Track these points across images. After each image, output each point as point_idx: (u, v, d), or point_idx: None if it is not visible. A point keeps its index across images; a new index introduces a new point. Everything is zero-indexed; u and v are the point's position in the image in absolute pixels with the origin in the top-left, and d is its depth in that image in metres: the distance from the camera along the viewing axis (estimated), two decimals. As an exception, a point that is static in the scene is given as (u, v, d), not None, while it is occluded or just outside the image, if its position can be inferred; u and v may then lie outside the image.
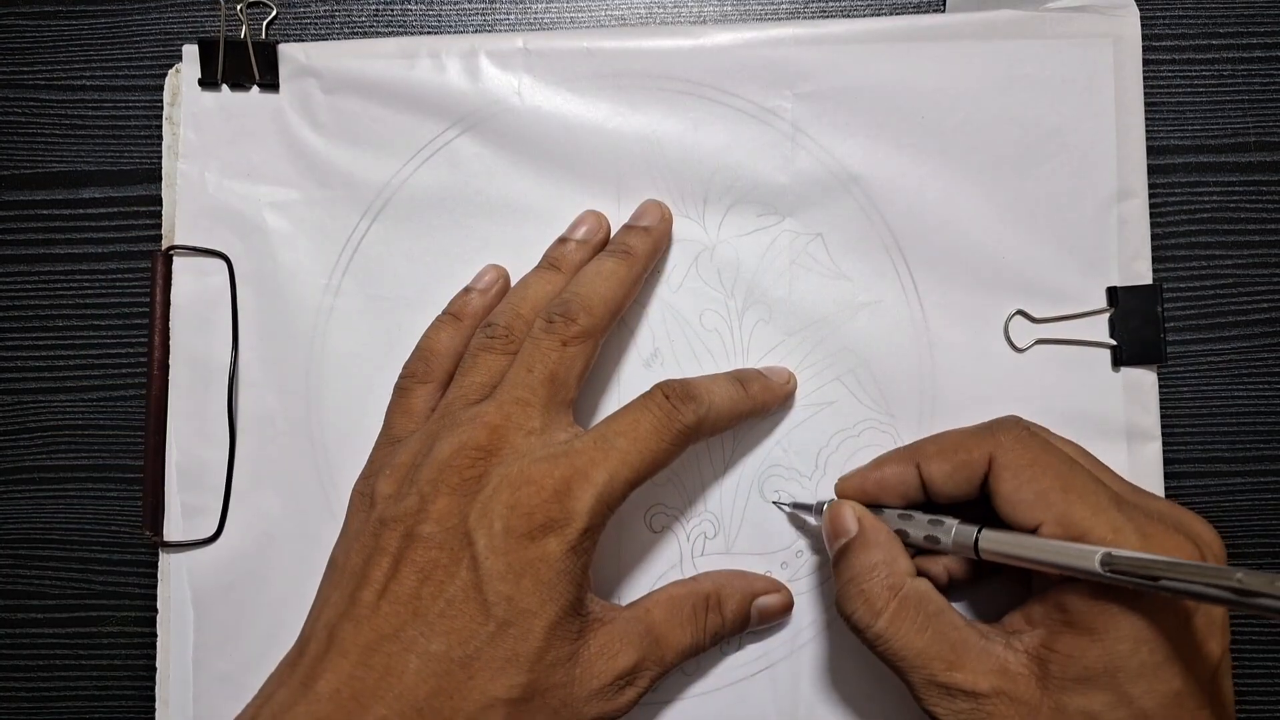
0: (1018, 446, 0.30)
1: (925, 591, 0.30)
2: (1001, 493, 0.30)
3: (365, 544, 0.30)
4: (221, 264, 0.37)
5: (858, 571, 0.31)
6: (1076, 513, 0.28)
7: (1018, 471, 0.30)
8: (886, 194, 0.37)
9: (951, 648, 0.29)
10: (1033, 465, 0.29)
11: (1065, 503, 0.29)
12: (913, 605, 0.30)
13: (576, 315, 0.32)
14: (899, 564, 0.31)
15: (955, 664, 0.29)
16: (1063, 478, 0.29)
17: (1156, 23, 0.38)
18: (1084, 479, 0.29)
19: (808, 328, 0.37)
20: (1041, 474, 0.29)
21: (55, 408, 0.39)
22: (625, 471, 0.30)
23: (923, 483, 0.32)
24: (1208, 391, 0.38)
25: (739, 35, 0.37)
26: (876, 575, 0.30)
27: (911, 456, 0.32)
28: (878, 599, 0.30)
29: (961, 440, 0.31)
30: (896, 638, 0.29)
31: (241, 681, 0.36)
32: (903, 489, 0.32)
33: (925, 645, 0.29)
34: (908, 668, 0.29)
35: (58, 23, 0.40)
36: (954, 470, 0.31)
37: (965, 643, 0.29)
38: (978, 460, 0.30)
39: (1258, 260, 0.38)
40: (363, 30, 0.39)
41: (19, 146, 0.39)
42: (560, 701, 0.29)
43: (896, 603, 0.30)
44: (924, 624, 0.29)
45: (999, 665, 0.29)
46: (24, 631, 0.38)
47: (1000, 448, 0.30)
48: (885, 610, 0.30)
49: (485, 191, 0.37)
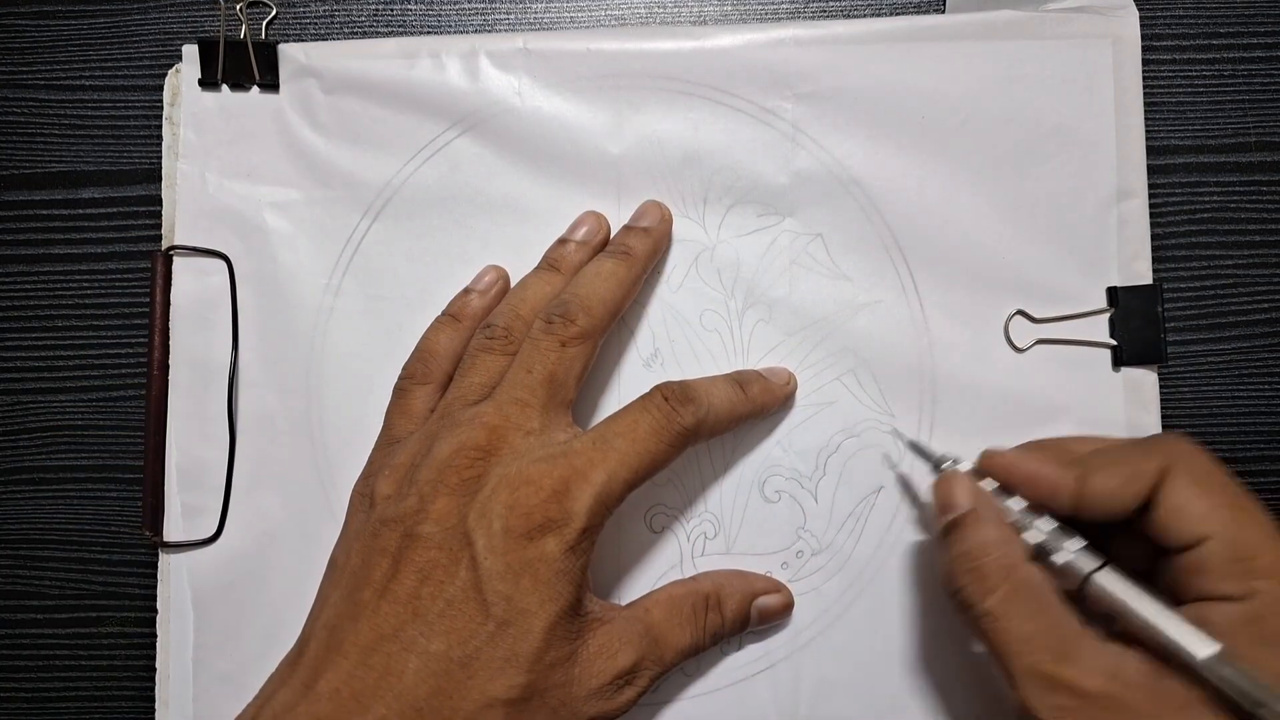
0: (1193, 458, 0.29)
1: (1041, 579, 0.29)
2: (1170, 503, 0.28)
3: (365, 544, 0.30)
4: (221, 264, 0.37)
5: (971, 546, 0.29)
6: (1249, 533, 0.27)
7: (1194, 481, 0.28)
8: (886, 194, 0.37)
9: (1063, 640, 0.27)
10: (1210, 478, 0.28)
11: (1237, 522, 0.27)
12: (1027, 589, 0.28)
13: (575, 316, 0.32)
14: (1014, 546, 0.29)
15: (1065, 656, 0.27)
16: (1236, 496, 0.28)
17: (1156, 23, 0.38)
18: (1256, 504, 0.28)
19: (808, 328, 0.37)
20: (1216, 489, 0.28)
21: (55, 408, 0.39)
22: (624, 472, 0.30)
23: (1078, 496, 0.29)
24: (1208, 391, 0.38)
25: (739, 36, 0.37)
26: (991, 553, 0.29)
27: (1075, 464, 0.30)
28: (990, 576, 0.28)
29: (1130, 450, 0.30)
30: (1006, 619, 0.28)
31: (241, 681, 0.36)
32: (1051, 492, 0.30)
33: (1036, 631, 0.27)
34: (1011, 654, 0.28)
35: (58, 23, 0.40)
36: (1123, 484, 0.29)
37: (1079, 637, 0.27)
38: (1149, 471, 0.29)
39: (1258, 260, 0.38)
40: (363, 30, 0.39)
41: (19, 146, 0.39)
42: (559, 701, 0.29)
43: (1010, 585, 0.28)
44: (1036, 610, 0.28)
45: (1112, 669, 0.27)
46: (24, 631, 0.38)
47: (1176, 457, 0.29)
48: (998, 589, 0.28)
49: (485, 191, 0.37)
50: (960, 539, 0.30)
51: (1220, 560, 0.27)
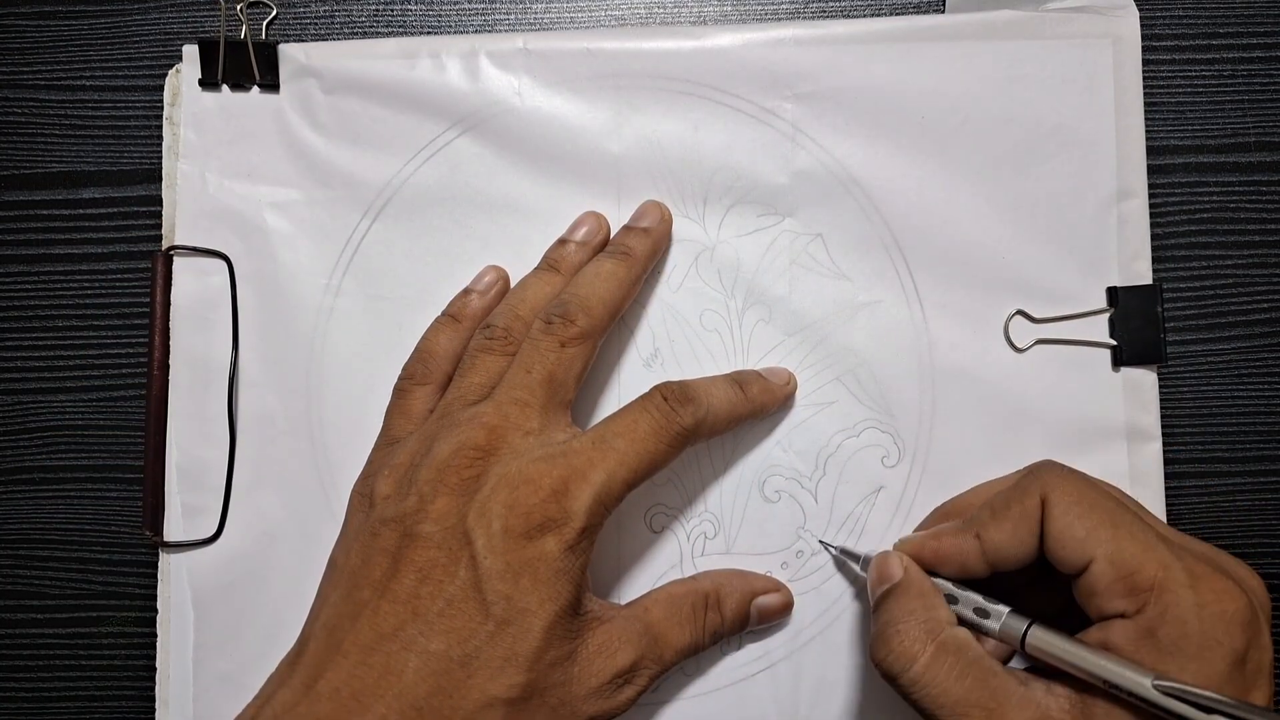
0: (1064, 484, 0.29)
1: (964, 639, 0.29)
2: (1052, 533, 0.29)
3: (364, 544, 0.30)
4: (221, 264, 0.37)
5: (894, 615, 0.30)
6: (1127, 549, 0.27)
7: (1067, 509, 0.29)
8: (886, 194, 0.37)
9: (991, 695, 0.28)
10: (1080, 502, 0.29)
11: (1115, 539, 0.28)
12: (951, 651, 0.28)
13: (575, 316, 0.32)
14: (938, 611, 0.30)
15: (995, 712, 0.27)
16: (1111, 514, 0.28)
17: (1156, 23, 0.38)
18: (1131, 517, 0.28)
19: (808, 328, 0.37)
20: (1090, 510, 0.28)
21: (55, 408, 0.39)
22: (623, 472, 0.30)
23: (984, 555, 0.30)
24: (1208, 391, 0.38)
25: (739, 36, 0.37)
26: (914, 619, 0.29)
27: (969, 527, 0.31)
28: (914, 643, 0.29)
29: (1010, 494, 0.30)
30: (933, 684, 0.28)
31: (241, 681, 0.36)
32: (961, 560, 0.31)
33: (964, 693, 0.28)
34: (944, 717, 0.28)
35: (58, 23, 0.40)
36: (1014, 528, 0.29)
37: (1005, 690, 0.28)
38: (1032, 508, 0.29)
39: (1258, 260, 0.38)
40: (363, 30, 0.39)
41: (19, 146, 0.39)
42: (559, 700, 0.29)
43: (934, 647, 0.29)
44: (962, 671, 0.28)
45: (1041, 713, 0.27)
46: (24, 631, 0.38)
47: (1049, 487, 0.29)
48: (921, 655, 0.28)
49: (485, 191, 0.37)
50: (884, 610, 0.30)
51: (1107, 580, 0.28)
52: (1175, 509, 0.37)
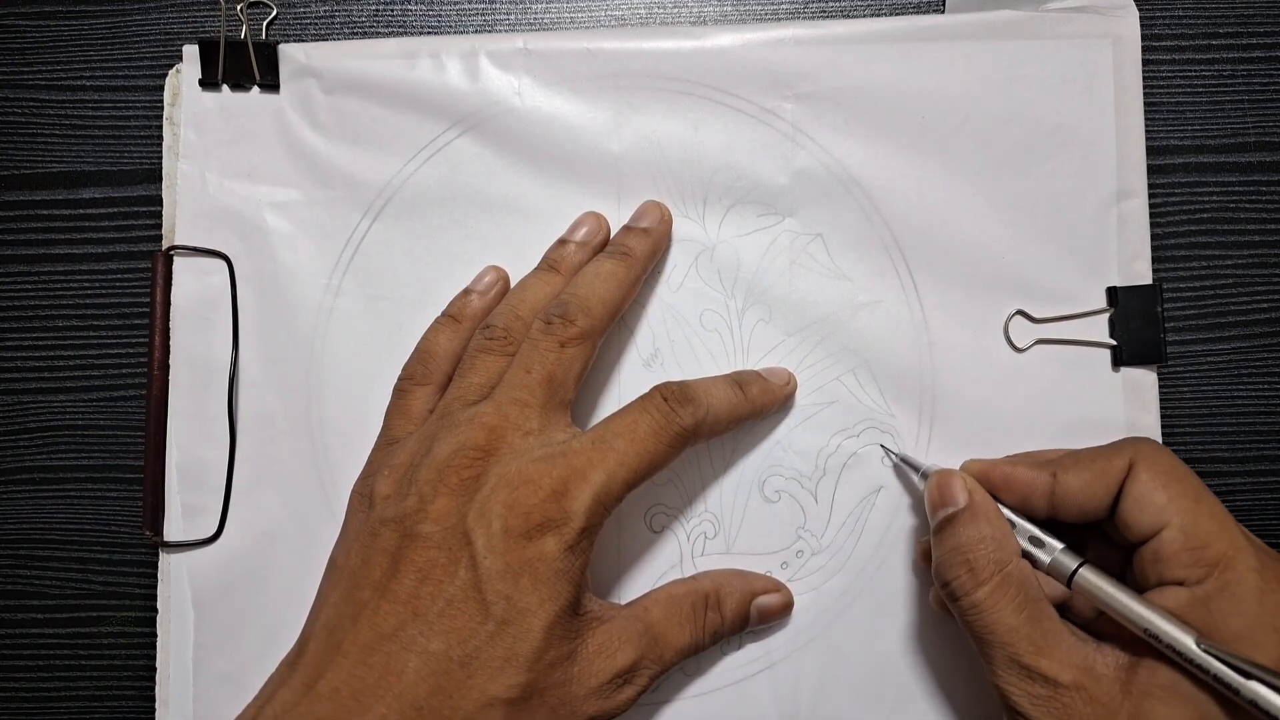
0: (1160, 456, 0.30)
1: (1029, 574, 0.30)
2: (1133, 493, 0.30)
3: (364, 544, 0.30)
4: (221, 264, 0.37)
5: (964, 541, 0.30)
6: (1204, 524, 0.28)
7: (1155, 475, 0.30)
8: (886, 194, 0.37)
9: (1043, 634, 0.29)
10: (1170, 473, 0.30)
11: (1195, 512, 0.29)
12: (1015, 583, 0.30)
13: (575, 317, 0.32)
14: (1007, 542, 0.31)
15: (1043, 649, 0.29)
16: (1196, 490, 0.29)
17: (1156, 23, 0.38)
18: (1214, 500, 0.29)
19: (808, 328, 0.37)
20: (1177, 482, 0.29)
21: (55, 408, 0.39)
22: (622, 472, 0.30)
23: (1053, 495, 0.31)
24: (1208, 391, 0.38)
25: (739, 36, 0.37)
26: (984, 547, 0.30)
27: (1048, 465, 0.32)
28: (983, 569, 0.30)
29: (1099, 450, 0.31)
30: (992, 611, 0.29)
31: (241, 681, 0.36)
32: (1028, 491, 0.31)
33: (1019, 624, 0.29)
34: (994, 643, 0.29)
35: (58, 23, 0.40)
36: (1093, 479, 0.30)
37: (1057, 633, 0.29)
38: (1118, 468, 0.30)
39: (1258, 260, 0.38)
40: (363, 30, 0.39)
41: (19, 146, 0.39)
42: (559, 700, 0.29)
43: (1000, 577, 0.30)
44: (1021, 604, 0.29)
45: (1086, 662, 0.29)
46: (24, 631, 0.38)
47: (1140, 455, 0.30)
48: (988, 581, 0.30)
49: (485, 191, 0.37)
50: (954, 533, 0.31)
51: (1176, 548, 0.29)
52: (1175, 509, 0.37)
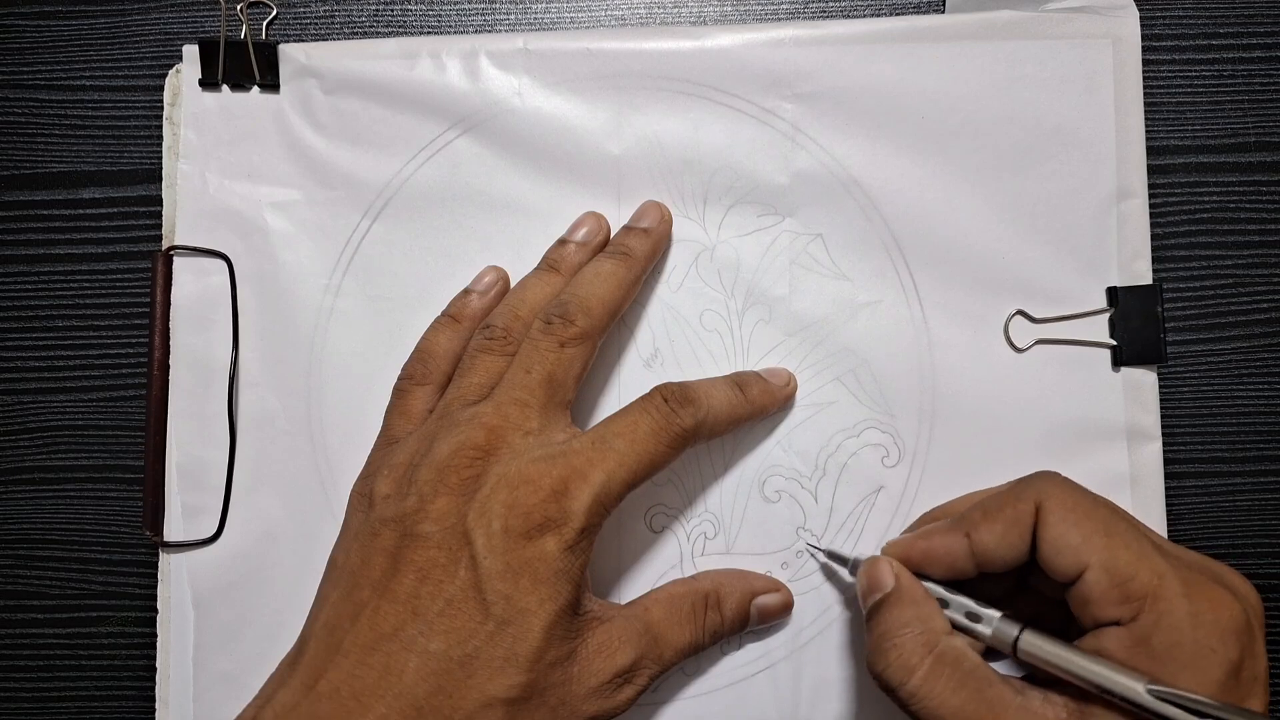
0: (1060, 492, 0.29)
1: (961, 649, 0.29)
2: (1047, 539, 0.29)
3: (364, 544, 0.30)
4: (222, 264, 0.37)
5: (890, 627, 0.30)
6: (1121, 557, 0.27)
7: (1063, 515, 0.28)
8: (886, 194, 0.37)
9: (989, 707, 0.28)
10: (1075, 510, 0.29)
11: (1110, 548, 0.28)
12: (949, 663, 0.28)
13: (574, 317, 0.32)
14: (934, 621, 0.30)
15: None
16: (1106, 522, 0.28)
17: (1156, 23, 0.38)
18: (1126, 526, 0.28)
19: (808, 328, 0.37)
20: (1086, 518, 0.28)
21: (55, 408, 0.39)
22: (622, 473, 0.30)
23: (973, 555, 0.30)
24: (1208, 391, 0.38)
25: (739, 36, 0.37)
26: (911, 631, 0.29)
27: (959, 526, 0.30)
28: (911, 655, 0.29)
29: (1004, 498, 0.30)
30: (931, 697, 0.28)
31: (241, 681, 0.36)
32: (950, 560, 0.30)
33: (961, 704, 0.28)
34: None
35: (58, 23, 0.40)
36: (1005, 531, 0.29)
37: (1002, 700, 0.28)
38: (1025, 513, 0.29)
39: (1258, 260, 0.38)
40: (363, 30, 0.39)
41: (19, 146, 0.39)
42: (558, 700, 0.29)
43: (932, 659, 0.29)
44: (960, 682, 0.28)
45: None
46: (24, 632, 0.38)
47: (1044, 495, 0.29)
48: (920, 667, 0.28)
49: (485, 192, 0.37)
50: (879, 621, 0.30)
51: (1102, 588, 0.28)
52: (1175, 509, 0.37)
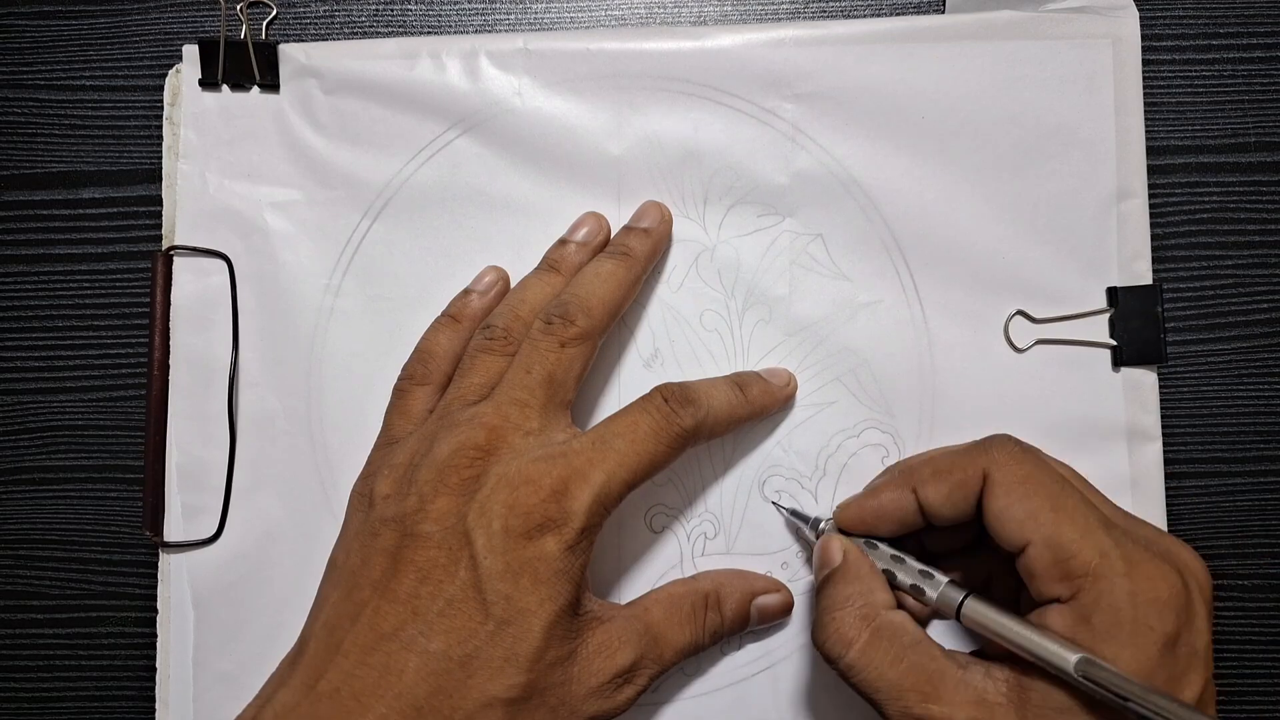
0: (1010, 463, 0.29)
1: (901, 622, 0.30)
2: (992, 510, 0.29)
3: (364, 544, 0.30)
4: (222, 264, 0.37)
5: (833, 601, 0.30)
6: (1065, 534, 0.28)
7: (1010, 488, 0.29)
8: (886, 194, 0.37)
9: (928, 679, 0.28)
10: (1024, 482, 0.29)
11: (1055, 523, 0.28)
12: (887, 636, 0.29)
13: (575, 317, 0.32)
14: (875, 596, 0.30)
15: (931, 695, 0.28)
16: (1054, 497, 0.28)
17: (1156, 23, 0.38)
18: (1075, 500, 0.29)
19: (808, 328, 0.37)
20: (1033, 491, 0.29)
21: (55, 408, 0.39)
22: (622, 473, 0.30)
23: (921, 509, 0.31)
24: (1208, 391, 0.38)
25: (739, 36, 0.37)
26: (850, 605, 0.30)
27: (907, 481, 0.31)
28: (849, 629, 0.29)
29: (955, 460, 0.30)
30: (869, 669, 0.29)
31: (241, 681, 0.36)
32: (900, 515, 0.31)
33: (899, 676, 0.28)
34: (882, 700, 0.29)
35: (58, 23, 0.40)
36: (950, 491, 0.30)
37: (942, 673, 0.28)
38: (972, 478, 0.30)
39: (1258, 260, 0.38)
40: (363, 30, 0.39)
41: (19, 146, 0.39)
42: (558, 700, 0.29)
43: (869, 633, 0.29)
44: (898, 655, 0.29)
45: (976, 695, 0.28)
46: (24, 632, 0.38)
47: (993, 464, 0.29)
48: (857, 640, 0.29)
49: (486, 192, 0.37)
50: (824, 596, 0.31)
51: (1044, 564, 0.28)
52: (1175, 509, 0.37)
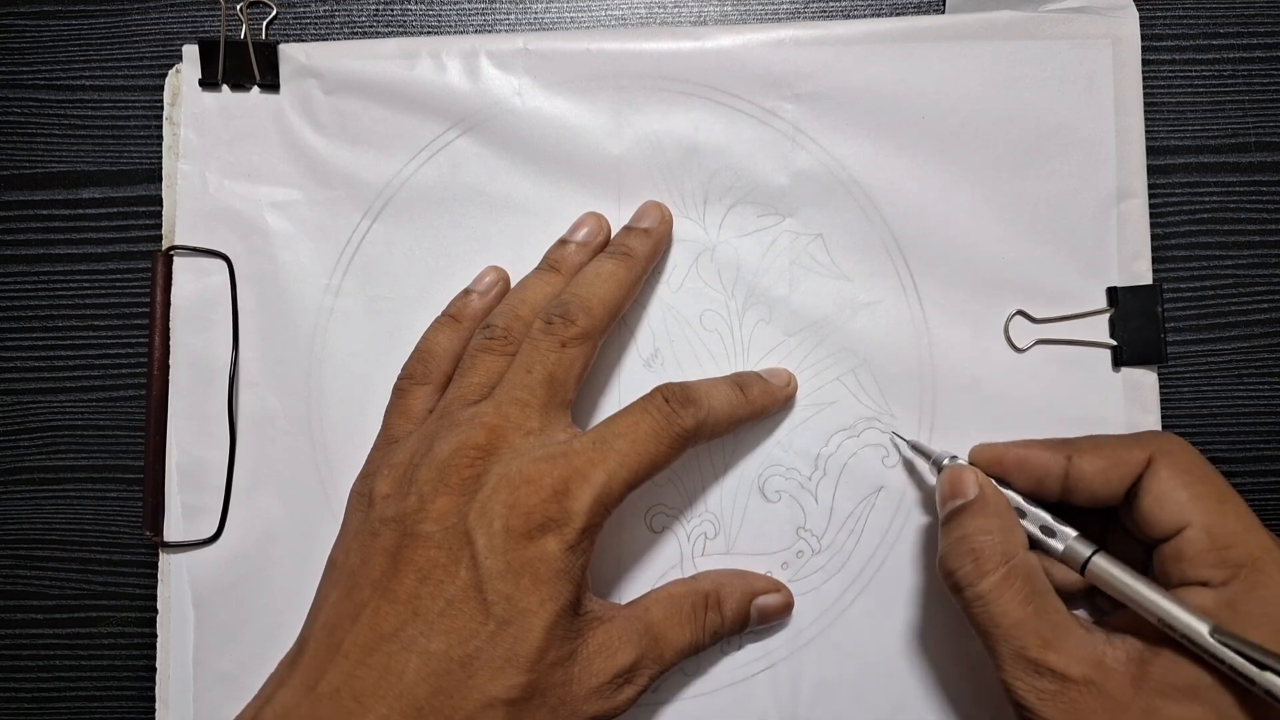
0: (1181, 452, 0.30)
1: (1036, 567, 0.30)
2: (1154, 490, 0.29)
3: (364, 543, 0.30)
4: (222, 264, 0.37)
5: (970, 531, 0.30)
6: (1230, 524, 0.28)
7: (1177, 473, 0.29)
8: (887, 194, 0.37)
9: (1051, 627, 0.28)
10: (1193, 470, 0.29)
11: (1220, 513, 0.28)
12: (1021, 575, 0.29)
13: (575, 316, 0.32)
14: (1015, 534, 0.30)
15: (1051, 644, 0.28)
16: (1220, 490, 0.29)
17: (1156, 23, 0.38)
18: (1240, 501, 0.29)
19: (808, 328, 0.37)
20: (1200, 481, 0.29)
21: (55, 408, 0.39)
22: (623, 473, 0.30)
23: (1066, 477, 0.31)
24: (1208, 391, 0.38)
25: (739, 36, 0.37)
26: (990, 538, 0.30)
27: (1064, 447, 0.31)
28: (987, 560, 0.29)
29: (1120, 439, 0.31)
30: (997, 602, 0.29)
31: (241, 681, 0.36)
32: (1041, 474, 0.31)
33: (1026, 617, 0.28)
34: (1000, 636, 0.29)
35: (58, 23, 0.40)
36: (1108, 466, 0.30)
37: (1066, 626, 0.28)
38: (1136, 460, 0.30)
39: (1258, 260, 0.38)
40: (363, 30, 0.39)
41: (19, 146, 0.39)
42: (559, 700, 0.29)
43: (1006, 569, 0.29)
44: (1028, 597, 0.29)
45: (1096, 656, 0.28)
46: (24, 632, 0.38)
47: (1162, 451, 0.30)
48: (993, 573, 0.29)
49: (486, 192, 0.37)
50: (960, 524, 0.31)
51: (1199, 548, 0.28)
52: (1175, 509, 0.37)
